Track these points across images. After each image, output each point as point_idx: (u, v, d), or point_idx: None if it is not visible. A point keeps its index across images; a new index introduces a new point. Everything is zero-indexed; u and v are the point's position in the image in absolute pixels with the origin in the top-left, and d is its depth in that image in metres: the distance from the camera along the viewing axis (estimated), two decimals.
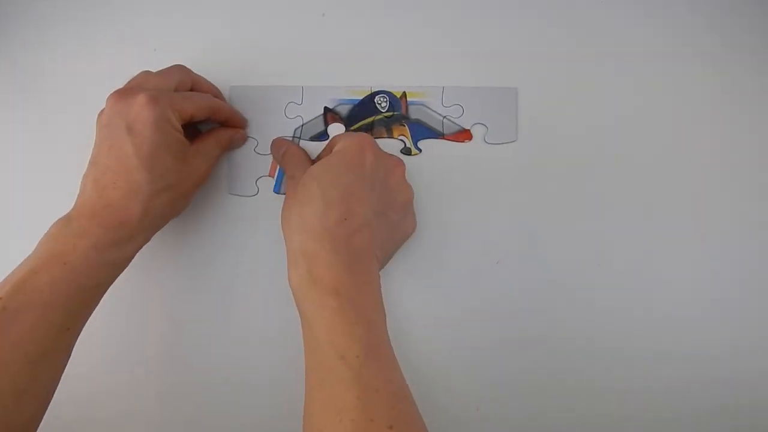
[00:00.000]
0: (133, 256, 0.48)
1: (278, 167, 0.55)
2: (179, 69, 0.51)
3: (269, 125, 0.55)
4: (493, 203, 0.55)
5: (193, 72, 0.51)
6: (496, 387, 0.54)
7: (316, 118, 0.55)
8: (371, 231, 0.46)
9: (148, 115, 0.45)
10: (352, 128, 0.55)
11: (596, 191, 0.55)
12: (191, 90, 0.51)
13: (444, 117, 0.55)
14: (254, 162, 0.55)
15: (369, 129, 0.55)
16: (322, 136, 0.55)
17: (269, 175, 0.55)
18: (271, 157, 0.55)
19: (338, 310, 0.42)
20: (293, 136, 0.55)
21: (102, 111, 0.48)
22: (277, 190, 0.55)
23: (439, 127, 0.55)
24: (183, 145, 0.48)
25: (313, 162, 0.53)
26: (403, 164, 0.50)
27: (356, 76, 0.55)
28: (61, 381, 0.45)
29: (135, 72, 0.56)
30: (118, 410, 0.55)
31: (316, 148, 0.55)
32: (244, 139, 0.55)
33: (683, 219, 0.55)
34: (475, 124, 0.55)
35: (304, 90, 0.55)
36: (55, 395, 0.45)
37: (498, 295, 0.54)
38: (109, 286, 0.47)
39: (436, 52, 0.55)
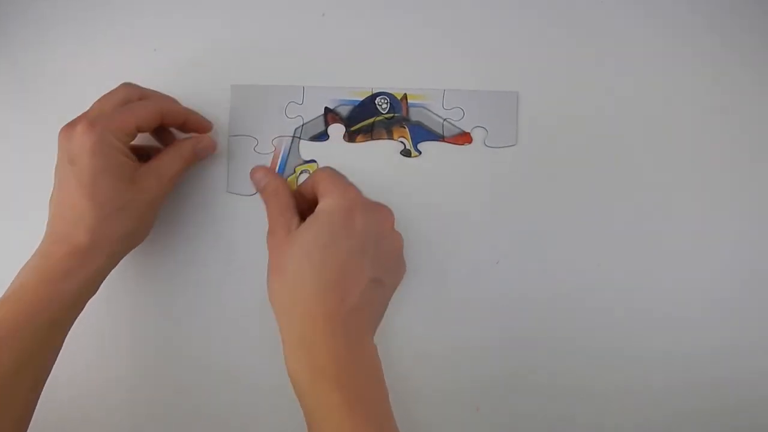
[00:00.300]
0: (91, 288, 0.47)
1: (277, 167, 0.55)
2: (124, 86, 0.49)
3: (269, 125, 0.55)
4: (493, 205, 0.54)
5: (141, 87, 0.50)
6: (496, 387, 0.53)
7: (316, 118, 0.55)
8: (368, 303, 0.45)
9: (85, 142, 0.44)
10: (352, 129, 0.55)
11: (596, 194, 0.55)
12: None
13: (444, 119, 0.55)
14: (253, 161, 0.54)
15: (369, 130, 0.55)
16: (322, 136, 0.55)
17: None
18: (270, 156, 0.55)
19: (345, 407, 0.41)
20: (293, 136, 0.55)
21: (58, 145, 0.48)
22: None
23: (439, 130, 0.55)
24: (128, 166, 0.47)
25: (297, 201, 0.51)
26: (392, 214, 0.49)
27: (357, 77, 0.55)
28: (58, 381, 0.45)
29: (135, 72, 0.56)
30: (111, 408, 0.55)
31: (315, 148, 0.55)
32: (212, 145, 0.53)
33: (683, 220, 0.55)
34: (476, 127, 0.55)
35: (305, 90, 0.55)
36: (51, 394, 0.44)
37: (498, 295, 0.54)
38: (67, 324, 0.46)
39: (437, 55, 0.56)
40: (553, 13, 0.56)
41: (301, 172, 0.55)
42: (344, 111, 0.55)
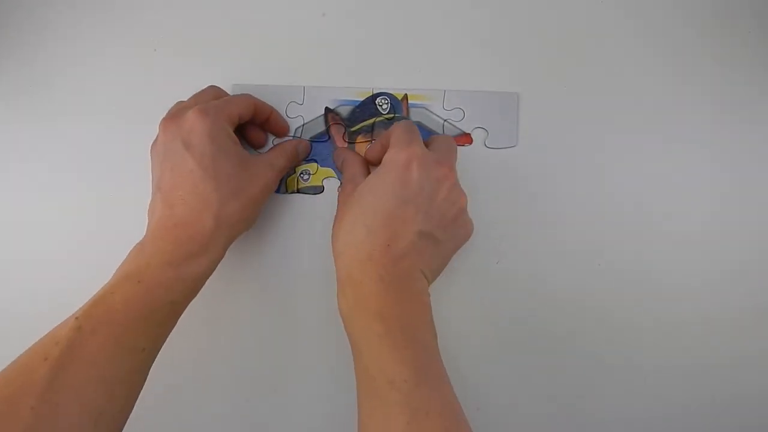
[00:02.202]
0: (208, 273, 0.47)
1: None
2: (212, 87, 0.52)
3: None
4: (493, 206, 0.54)
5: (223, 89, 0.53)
6: (496, 387, 0.53)
7: (316, 118, 0.55)
8: (417, 252, 0.45)
9: (201, 127, 0.45)
10: (352, 129, 0.55)
11: (596, 194, 0.55)
12: None
13: (445, 120, 0.55)
14: None
15: (370, 130, 0.55)
16: (323, 136, 0.55)
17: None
18: None
19: (385, 335, 0.42)
20: (293, 136, 0.55)
21: (155, 141, 0.48)
22: (276, 189, 0.54)
23: (439, 130, 0.55)
24: (241, 153, 0.48)
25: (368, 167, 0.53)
26: (453, 173, 0.48)
27: (358, 77, 0.55)
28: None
29: (135, 72, 0.56)
30: None
31: (316, 148, 0.55)
32: (308, 147, 0.55)
33: (684, 220, 0.55)
34: (476, 128, 0.55)
35: (306, 90, 0.55)
36: None
37: (498, 295, 0.54)
38: (185, 306, 0.46)
39: (438, 55, 0.56)
40: (555, 15, 0.56)
41: (302, 172, 0.55)
42: (345, 111, 0.55)
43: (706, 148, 0.55)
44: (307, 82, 0.55)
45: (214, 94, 0.51)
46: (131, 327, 0.41)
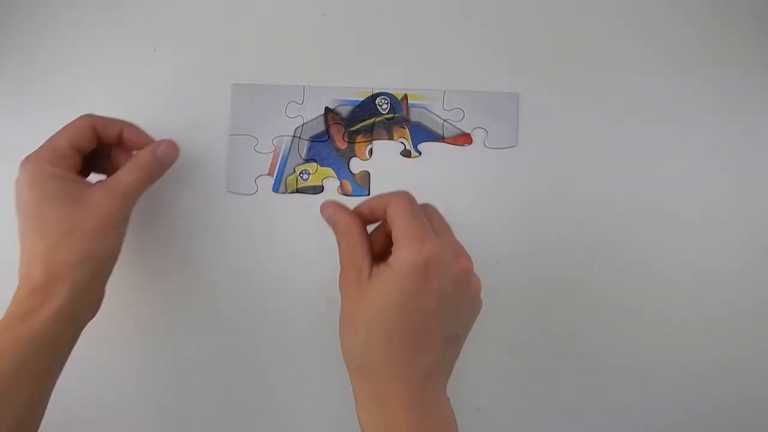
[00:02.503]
0: (59, 324, 0.44)
1: (277, 166, 0.54)
2: (79, 120, 0.48)
3: (270, 124, 0.55)
4: (493, 206, 0.54)
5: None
6: (496, 387, 0.53)
7: (316, 118, 0.55)
8: (443, 359, 0.43)
9: (22, 178, 0.45)
10: (352, 129, 0.55)
11: (596, 194, 0.55)
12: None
13: (445, 120, 0.55)
14: (253, 160, 0.54)
15: (369, 130, 0.55)
16: (323, 136, 0.55)
17: (268, 174, 0.54)
18: (270, 156, 0.54)
19: None
20: (293, 136, 0.55)
21: None
22: (275, 189, 0.54)
23: (439, 131, 0.55)
24: (72, 189, 0.45)
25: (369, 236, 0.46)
26: (470, 262, 0.43)
27: (358, 77, 0.55)
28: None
29: (135, 72, 0.56)
30: (110, 414, 0.54)
31: (315, 148, 0.55)
32: (172, 147, 0.50)
33: (684, 220, 0.55)
34: (476, 128, 0.55)
35: (306, 90, 0.55)
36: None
37: (498, 295, 0.53)
38: (39, 370, 0.44)
39: (438, 55, 0.56)
40: (554, 15, 0.56)
41: (301, 172, 0.55)
42: (344, 111, 0.55)
43: (707, 148, 0.55)
44: (307, 81, 0.55)
45: (75, 131, 0.48)
46: None
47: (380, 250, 0.46)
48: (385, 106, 0.55)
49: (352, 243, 0.44)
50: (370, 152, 0.55)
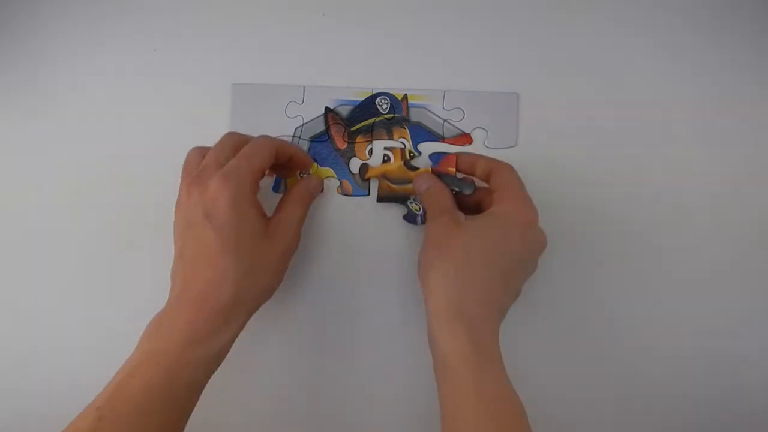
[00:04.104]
0: (228, 346, 0.46)
1: None
2: (231, 136, 0.49)
3: (270, 124, 0.55)
4: None
5: (242, 134, 0.49)
6: None
7: (316, 118, 0.55)
8: (505, 310, 0.47)
9: (224, 197, 0.43)
10: (352, 129, 0.55)
11: (596, 194, 0.55)
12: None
13: (445, 120, 0.55)
14: None
15: (369, 130, 0.55)
16: (322, 136, 0.55)
17: (268, 175, 0.54)
18: None
19: (503, 378, 0.43)
20: (293, 136, 0.55)
21: (178, 201, 0.47)
22: (276, 189, 0.54)
23: (439, 131, 0.55)
24: (262, 220, 0.47)
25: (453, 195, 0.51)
26: (547, 242, 0.49)
27: (358, 77, 0.55)
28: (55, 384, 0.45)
29: (135, 72, 0.56)
30: None
31: (315, 148, 0.55)
32: (321, 183, 0.54)
33: (685, 218, 0.55)
34: (476, 128, 0.55)
35: (306, 90, 0.55)
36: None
37: None
38: (206, 381, 0.45)
39: (438, 55, 0.56)
40: (554, 15, 0.56)
41: (301, 172, 0.55)
42: (344, 111, 0.55)
43: (707, 147, 0.55)
44: (307, 81, 0.55)
45: (233, 144, 0.47)
46: (154, 412, 0.41)
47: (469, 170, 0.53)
48: (385, 106, 0.55)
49: (443, 200, 0.50)
50: (370, 152, 0.55)
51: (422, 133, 0.55)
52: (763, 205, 0.55)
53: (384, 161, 0.55)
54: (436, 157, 0.54)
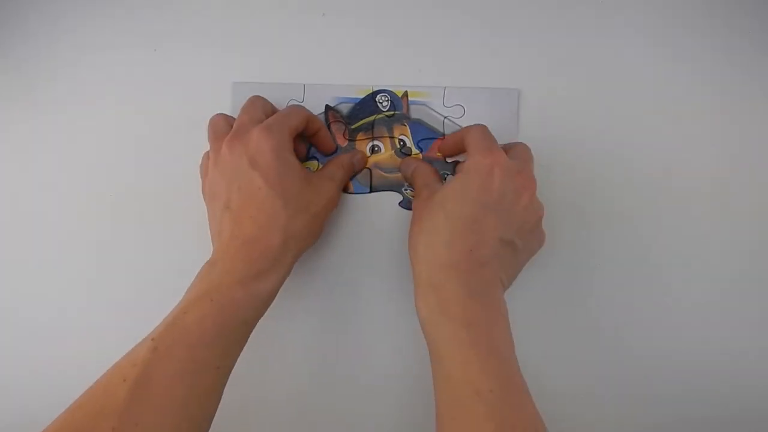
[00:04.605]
0: (277, 289, 0.47)
1: None
2: (258, 98, 0.52)
3: None
4: None
5: (267, 100, 0.52)
6: None
7: (317, 116, 0.55)
8: (498, 259, 0.46)
9: (267, 145, 0.46)
10: (353, 127, 0.55)
11: (597, 191, 0.55)
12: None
13: (445, 117, 0.55)
14: None
15: (370, 128, 0.55)
16: None
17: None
18: None
19: (471, 343, 0.42)
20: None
21: (217, 159, 0.48)
22: None
23: (440, 127, 0.55)
24: (303, 170, 0.49)
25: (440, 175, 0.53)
26: (533, 184, 0.48)
27: (358, 75, 0.55)
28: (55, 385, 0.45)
29: (135, 72, 0.56)
30: None
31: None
32: (364, 158, 0.55)
33: (685, 215, 0.55)
34: (477, 124, 0.55)
35: (306, 88, 0.55)
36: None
37: None
38: (255, 323, 0.46)
39: (438, 52, 0.56)
40: (555, 11, 0.56)
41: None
42: (345, 108, 0.55)
43: (708, 144, 0.55)
44: (307, 79, 0.55)
45: (263, 105, 0.51)
46: (205, 346, 0.42)
47: (450, 149, 0.54)
48: (385, 104, 0.55)
49: (425, 173, 0.52)
50: (371, 149, 0.55)
51: (423, 130, 0.55)
52: (764, 205, 0.55)
53: (374, 152, 0.55)
54: (425, 143, 0.55)
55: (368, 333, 0.54)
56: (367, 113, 0.55)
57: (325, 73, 0.55)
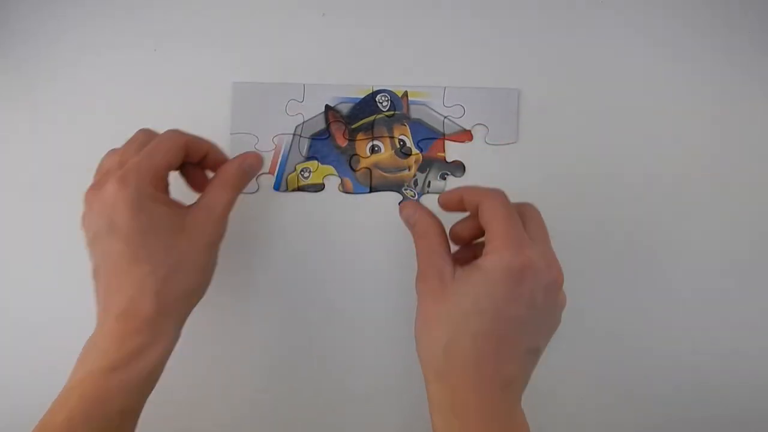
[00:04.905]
0: (163, 361, 0.42)
1: (278, 164, 0.54)
2: (142, 132, 0.46)
3: (270, 122, 0.55)
4: None
5: (153, 131, 0.46)
6: None
7: (317, 116, 0.55)
8: (523, 371, 0.41)
9: (123, 201, 0.40)
10: (353, 127, 0.55)
11: (597, 191, 0.55)
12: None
13: (445, 117, 0.55)
14: None
15: (370, 128, 0.55)
16: (323, 133, 0.55)
17: (269, 173, 0.54)
18: (272, 154, 0.55)
19: None
20: (294, 134, 0.55)
21: (83, 214, 0.43)
22: (277, 188, 0.54)
23: (439, 127, 0.55)
24: (174, 215, 0.43)
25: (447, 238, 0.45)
26: (561, 276, 0.42)
27: (358, 75, 0.55)
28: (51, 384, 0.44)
29: (135, 72, 0.56)
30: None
31: (316, 146, 0.55)
32: (258, 159, 0.49)
33: (686, 215, 0.55)
34: (476, 124, 0.55)
35: (306, 88, 0.55)
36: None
37: None
38: (139, 410, 0.42)
39: (438, 52, 0.56)
40: (555, 11, 0.56)
41: (302, 170, 0.55)
42: (345, 108, 0.55)
43: (708, 144, 0.55)
44: (307, 79, 0.55)
45: (141, 142, 0.44)
46: None
47: (466, 237, 0.46)
48: (385, 104, 0.55)
49: (432, 244, 0.43)
50: (371, 149, 0.55)
51: (423, 130, 0.55)
52: (765, 205, 0.55)
53: (374, 152, 0.55)
54: (425, 143, 0.54)
55: (368, 333, 0.54)
56: (367, 113, 0.55)
57: (324, 73, 0.55)
